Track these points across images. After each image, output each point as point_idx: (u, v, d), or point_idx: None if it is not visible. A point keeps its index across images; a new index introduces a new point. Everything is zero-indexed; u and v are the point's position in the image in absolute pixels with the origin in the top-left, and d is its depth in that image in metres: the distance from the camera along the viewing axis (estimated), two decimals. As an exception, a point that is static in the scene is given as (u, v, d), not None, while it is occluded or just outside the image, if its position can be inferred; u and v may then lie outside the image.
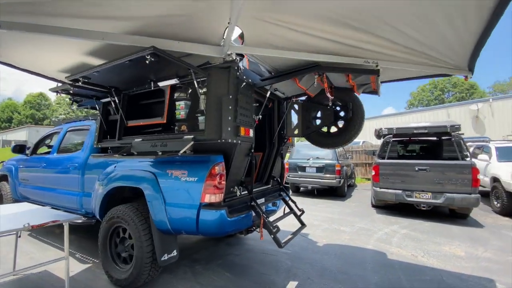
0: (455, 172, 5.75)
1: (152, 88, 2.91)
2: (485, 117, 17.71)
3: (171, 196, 2.64)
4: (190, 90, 2.88)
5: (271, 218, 3.32)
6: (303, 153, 9.31)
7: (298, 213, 3.53)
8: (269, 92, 2.99)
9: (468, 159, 5.97)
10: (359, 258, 3.78)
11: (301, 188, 9.88)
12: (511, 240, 4.61)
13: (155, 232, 2.73)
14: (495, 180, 6.96)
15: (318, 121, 3.72)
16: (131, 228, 2.82)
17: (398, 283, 3.03)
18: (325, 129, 3.76)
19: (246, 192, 2.89)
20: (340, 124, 3.66)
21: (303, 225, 3.40)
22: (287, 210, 3.58)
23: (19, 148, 5.00)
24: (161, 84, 2.83)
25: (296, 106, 3.72)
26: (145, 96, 3.29)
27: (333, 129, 3.73)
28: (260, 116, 2.93)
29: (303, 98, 3.78)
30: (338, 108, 3.56)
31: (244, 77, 2.71)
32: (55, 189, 4.11)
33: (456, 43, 2.23)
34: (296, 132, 3.73)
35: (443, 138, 6.64)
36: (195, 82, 2.49)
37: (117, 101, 3.26)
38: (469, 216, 6.17)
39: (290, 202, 3.62)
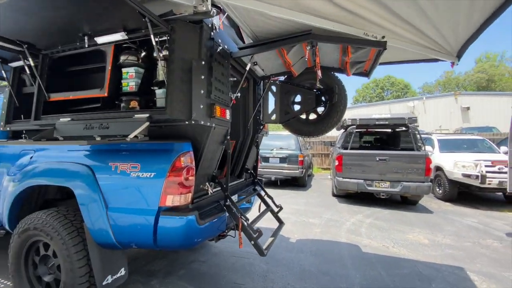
0: (411, 162, 6.03)
1: (87, 47, 2.07)
2: (419, 113, 19.89)
3: (116, 198, 1.91)
4: (143, 52, 2.12)
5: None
6: (266, 143, 8.96)
7: (276, 209, 3.08)
8: (248, 66, 2.40)
9: (422, 149, 6.33)
10: (336, 253, 3.55)
11: (264, 179, 9.59)
12: (459, 225, 4.98)
13: (92, 248, 1.98)
14: (438, 169, 7.62)
15: (297, 107, 3.28)
16: (55, 244, 2.01)
17: (381, 281, 2.85)
18: (303, 116, 3.36)
19: (219, 188, 2.30)
20: (320, 110, 3.30)
21: (281, 223, 2.97)
22: (263, 207, 3.10)
23: None
24: (100, 40, 2.00)
25: (274, 88, 3.21)
26: (76, 60, 2.39)
27: (312, 116, 3.35)
28: (239, 94, 2.33)
29: (282, 78, 3.29)
30: (319, 93, 3.16)
31: (220, 40, 2.08)
32: None
33: (460, 26, 2.02)
34: (273, 118, 3.24)
35: (400, 129, 6.95)
36: (152, 38, 1.77)
37: (33, 66, 2.30)
38: (418, 202, 6.63)
39: (266, 198, 3.15)
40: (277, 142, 8.88)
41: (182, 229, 1.79)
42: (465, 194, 7.33)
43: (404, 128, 6.73)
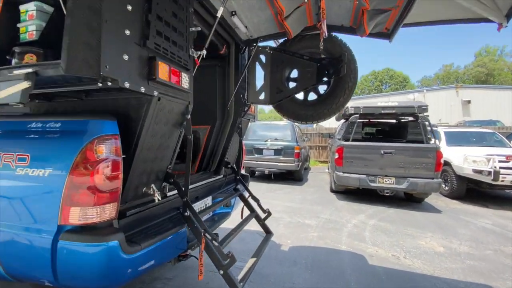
0: (420, 155, 5.38)
1: None
2: (420, 106, 19.23)
3: (-2, 208, 1.19)
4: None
5: (224, 227, 2.13)
6: (260, 133, 8.27)
7: (263, 216, 2.39)
8: (220, 11, 1.62)
9: (432, 142, 5.67)
10: (336, 267, 2.90)
11: (257, 173, 8.91)
12: (474, 228, 4.38)
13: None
14: (445, 163, 7.00)
15: (293, 84, 2.56)
16: None
17: (396, 309, 2.21)
18: (300, 96, 2.64)
19: (176, 192, 1.59)
20: (322, 90, 2.59)
21: (268, 233, 2.29)
22: (248, 211, 2.40)
23: None
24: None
25: (263, 57, 2.47)
26: None
27: (312, 97, 2.64)
28: (204, 52, 1.58)
29: (274, 45, 2.55)
30: (321, 64, 2.42)
31: None
32: None
33: None
34: (262, 97, 2.52)
35: (407, 119, 6.27)
36: None
37: None
38: (424, 200, 6.03)
39: (250, 200, 2.45)
40: (272, 132, 8.18)
41: (97, 263, 1.08)
42: (472, 191, 6.75)
43: (412, 118, 6.05)
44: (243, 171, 3.04)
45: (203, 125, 2.35)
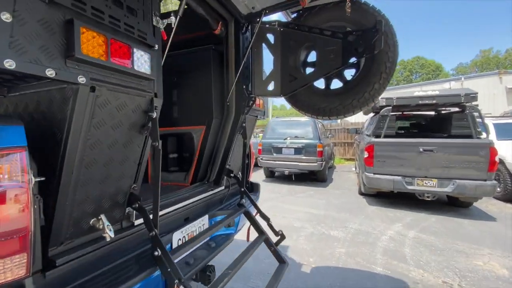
0: (469, 153, 4.52)
1: None
2: (458, 96, 17.42)
3: None
4: None
5: (221, 257, 1.68)
6: (279, 131, 7.73)
7: (275, 239, 1.87)
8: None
9: (484, 136, 4.77)
10: (371, 298, 2.32)
11: (276, 173, 8.38)
12: (545, 242, 3.51)
13: None
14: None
15: (310, 69, 2.01)
16: None
17: None
18: (319, 84, 2.08)
19: (142, 220, 1.14)
20: (349, 75, 2.01)
21: (282, 263, 1.77)
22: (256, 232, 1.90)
23: None
24: None
25: (271, 37, 1.95)
26: None
27: (335, 85, 2.07)
28: (173, 20, 1.11)
29: (285, 19, 2.01)
30: (346, 39, 1.83)
31: None
32: None
33: None
34: (271, 88, 2.00)
35: (452, 110, 5.37)
36: None
37: None
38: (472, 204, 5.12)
39: (258, 218, 1.94)
40: (291, 129, 7.60)
41: None
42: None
43: (457, 109, 5.16)
44: (256, 177, 2.55)
45: (197, 125, 1.90)
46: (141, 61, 0.98)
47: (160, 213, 1.30)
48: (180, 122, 2.00)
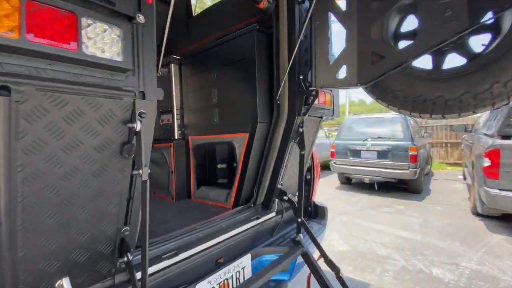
0: None
1: None
2: None
3: None
4: None
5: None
6: (358, 131, 6.67)
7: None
8: None
9: None
10: None
11: (353, 180, 7.28)
12: None
13: None
14: None
15: (406, 42, 1.29)
16: None
17: None
18: (423, 63, 1.32)
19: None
20: (477, 45, 1.19)
21: None
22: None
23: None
24: None
25: (341, 1, 1.34)
26: None
27: (453, 63, 1.27)
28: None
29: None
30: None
31: None
32: None
33: None
34: (342, 75, 1.38)
35: None
36: None
37: None
38: None
39: (319, 262, 1.35)
40: (374, 128, 6.43)
41: None
42: None
43: None
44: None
45: (238, 132, 1.46)
46: (105, 41, 0.59)
47: (182, 256, 0.94)
48: (218, 129, 1.62)
